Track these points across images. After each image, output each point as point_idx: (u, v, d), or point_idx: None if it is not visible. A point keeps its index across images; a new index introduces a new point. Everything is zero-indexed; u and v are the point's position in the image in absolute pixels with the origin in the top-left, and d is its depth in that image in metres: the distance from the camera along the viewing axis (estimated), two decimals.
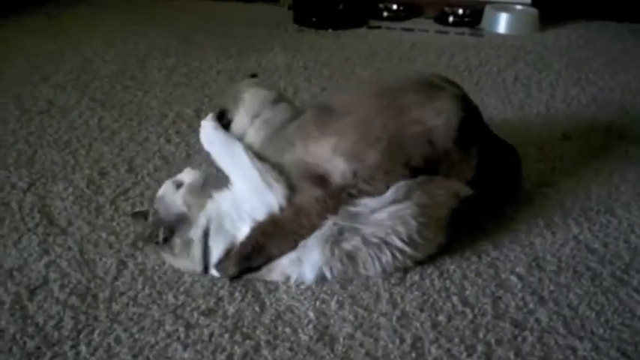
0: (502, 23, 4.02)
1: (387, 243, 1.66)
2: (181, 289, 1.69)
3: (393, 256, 1.68)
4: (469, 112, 1.83)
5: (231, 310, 1.62)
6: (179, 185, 1.81)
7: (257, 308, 1.62)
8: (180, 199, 1.77)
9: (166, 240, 1.73)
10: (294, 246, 1.67)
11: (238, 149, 1.78)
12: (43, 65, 3.32)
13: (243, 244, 1.68)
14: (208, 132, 1.92)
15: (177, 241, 1.72)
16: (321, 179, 1.71)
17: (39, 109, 2.79)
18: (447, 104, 1.79)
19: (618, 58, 3.58)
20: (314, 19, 4.07)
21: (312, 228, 1.65)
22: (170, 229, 1.73)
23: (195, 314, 1.61)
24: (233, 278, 1.71)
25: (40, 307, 1.63)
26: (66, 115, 2.73)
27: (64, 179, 2.21)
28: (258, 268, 1.70)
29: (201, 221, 1.71)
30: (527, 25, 4.04)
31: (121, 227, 1.96)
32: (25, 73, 3.23)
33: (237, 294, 1.67)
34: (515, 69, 3.34)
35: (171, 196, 1.79)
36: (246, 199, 1.69)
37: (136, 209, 1.96)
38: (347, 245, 1.65)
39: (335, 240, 1.65)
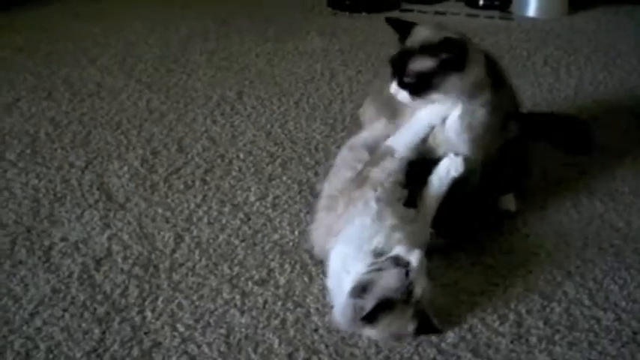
0: (532, 6, 4.08)
1: None
2: (235, 260, 1.84)
3: None
4: None
5: (282, 280, 1.77)
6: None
7: (306, 279, 1.77)
8: None
9: None
10: None
11: None
12: (89, 48, 3.45)
13: None
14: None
15: None
16: None
17: (89, 91, 2.94)
18: None
19: None
20: (348, 3, 4.16)
21: None
22: None
23: (250, 284, 1.76)
24: None
25: (107, 277, 1.79)
26: (115, 97, 2.87)
27: (118, 158, 2.36)
28: None
29: None
30: (557, 9, 4.10)
31: (175, 204, 2.10)
32: (72, 55, 3.36)
33: (286, 266, 1.82)
34: (545, 53, 3.43)
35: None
36: None
37: None
38: None
39: None
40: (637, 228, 1.99)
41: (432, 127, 1.80)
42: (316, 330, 1.61)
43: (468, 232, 1.92)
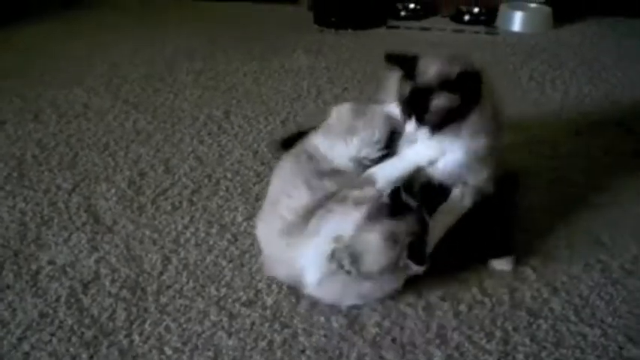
0: (517, 21, 4.13)
1: None
2: (222, 282, 1.85)
3: None
4: None
5: (269, 301, 1.77)
6: None
7: (293, 299, 1.77)
8: None
9: None
10: None
11: None
12: (76, 69, 3.46)
13: None
14: None
15: None
16: None
17: (75, 112, 2.94)
18: None
19: (630, 54, 3.69)
20: (334, 20, 4.19)
21: None
22: None
23: (237, 305, 1.76)
24: None
25: (94, 300, 1.79)
26: (102, 118, 2.87)
27: (106, 180, 2.36)
28: None
29: None
30: (542, 23, 4.14)
31: (163, 225, 2.11)
32: (58, 77, 3.37)
33: (274, 286, 1.82)
34: (530, 67, 3.45)
35: None
36: None
37: None
38: None
39: None
40: (623, 243, 2.00)
41: (418, 169, 1.83)
42: (303, 351, 1.61)
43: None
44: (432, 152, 1.80)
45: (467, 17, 4.30)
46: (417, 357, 1.59)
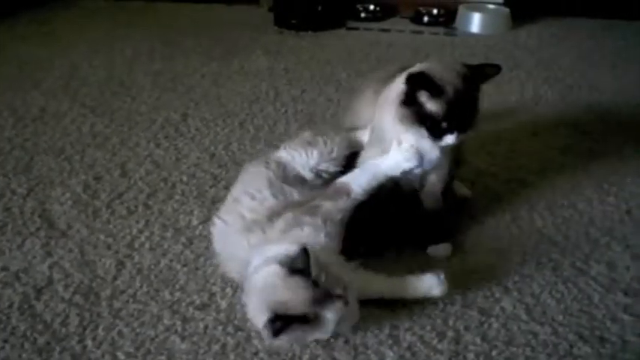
0: (475, 23, 4.16)
1: None
2: (177, 286, 1.84)
3: None
4: None
5: (223, 304, 1.77)
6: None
7: None
8: None
9: None
10: None
11: None
12: (34, 72, 3.44)
13: None
14: None
15: None
16: None
17: (32, 116, 2.91)
18: None
19: (588, 55, 3.75)
20: (294, 21, 4.20)
21: None
22: None
23: (191, 309, 1.76)
24: None
25: (47, 306, 1.77)
26: (59, 121, 2.85)
27: (61, 184, 2.35)
28: None
29: None
30: (500, 25, 4.18)
31: (117, 229, 2.10)
32: (17, 79, 3.34)
33: (228, 289, 1.81)
34: None
35: None
36: None
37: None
38: None
39: None
40: (575, 241, 2.03)
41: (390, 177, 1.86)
42: (256, 353, 1.61)
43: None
44: (409, 163, 1.83)
45: (426, 18, 4.33)
46: (369, 358, 1.60)
